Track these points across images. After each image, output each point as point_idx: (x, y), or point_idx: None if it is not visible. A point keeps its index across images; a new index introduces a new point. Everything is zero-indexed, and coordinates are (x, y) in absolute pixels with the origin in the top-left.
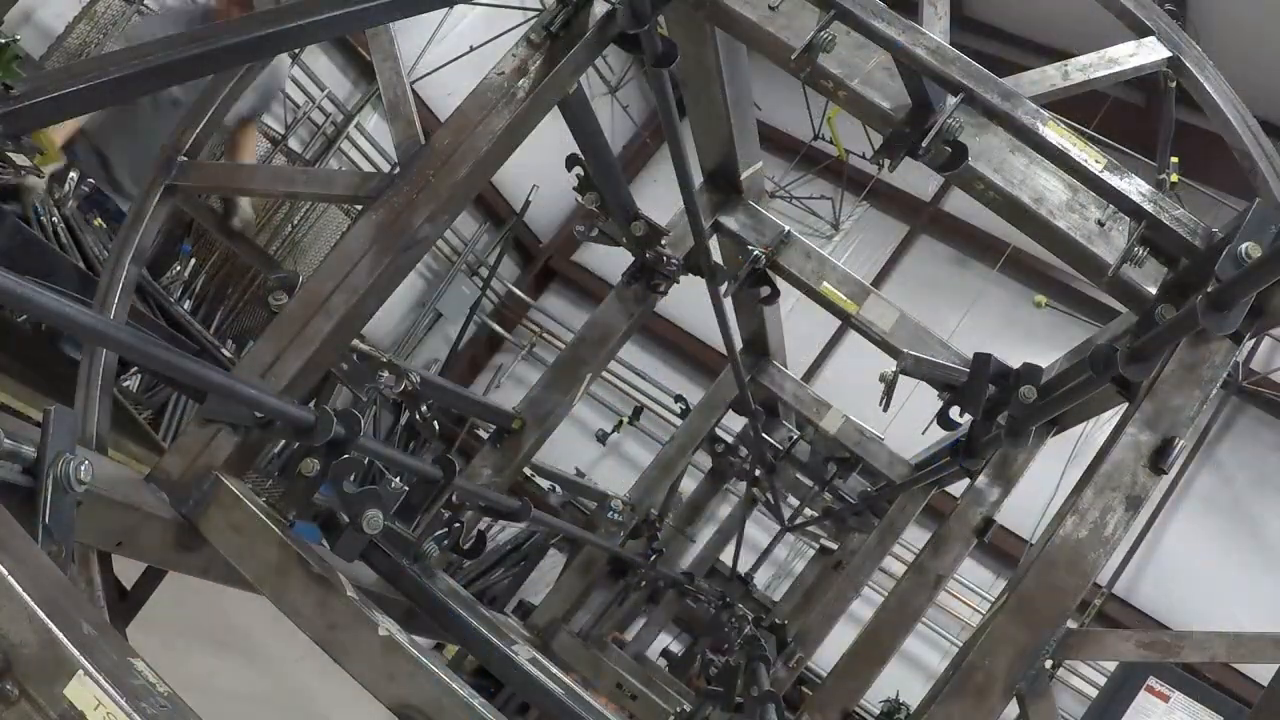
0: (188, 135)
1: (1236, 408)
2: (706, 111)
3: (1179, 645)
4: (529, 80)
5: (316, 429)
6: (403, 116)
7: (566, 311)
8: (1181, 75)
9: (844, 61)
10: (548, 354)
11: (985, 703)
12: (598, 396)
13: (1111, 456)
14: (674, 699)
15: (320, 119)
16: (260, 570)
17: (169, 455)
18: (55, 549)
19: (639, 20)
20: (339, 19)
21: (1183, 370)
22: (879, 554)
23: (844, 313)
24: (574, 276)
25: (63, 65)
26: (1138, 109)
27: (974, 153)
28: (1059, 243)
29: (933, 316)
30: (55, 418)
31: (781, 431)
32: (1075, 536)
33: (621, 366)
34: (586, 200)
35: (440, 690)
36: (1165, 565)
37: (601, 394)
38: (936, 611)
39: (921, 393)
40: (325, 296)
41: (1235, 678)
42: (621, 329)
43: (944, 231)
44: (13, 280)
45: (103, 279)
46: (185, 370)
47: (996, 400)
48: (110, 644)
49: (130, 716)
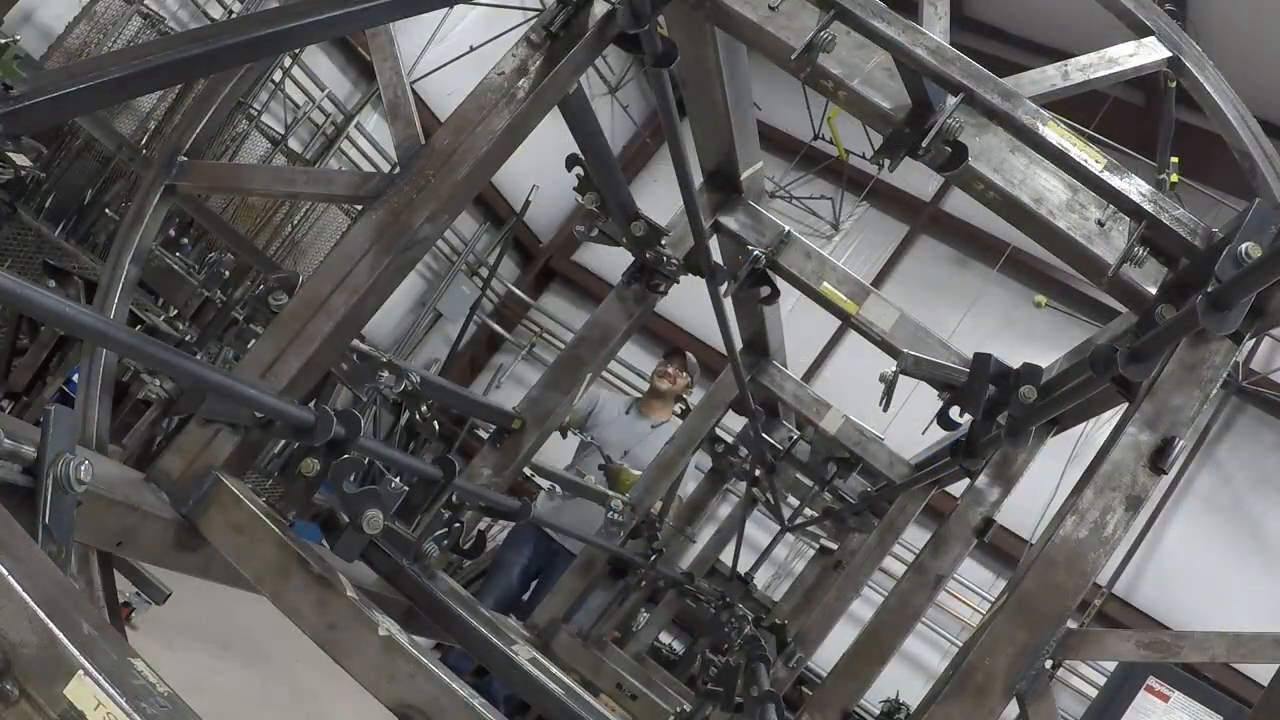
0: (188, 135)
1: (1236, 408)
2: (706, 111)
3: (1179, 645)
4: (529, 80)
5: (316, 429)
6: (403, 116)
7: (566, 311)
8: (1181, 75)
9: (844, 61)
10: (548, 354)
11: (985, 703)
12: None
13: (1111, 456)
14: (674, 699)
15: (320, 119)
16: (260, 570)
17: (169, 455)
18: (55, 549)
19: (639, 20)
20: (339, 19)
21: (1183, 370)
22: (879, 554)
23: (844, 313)
24: (574, 276)
25: (62, 65)
26: (1138, 109)
27: (974, 153)
28: (1059, 243)
29: (933, 316)
30: (55, 418)
31: (781, 431)
32: (1075, 536)
33: (621, 366)
34: (586, 200)
35: (440, 690)
36: (1165, 565)
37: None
38: (936, 611)
39: (921, 393)
40: (325, 296)
41: (1235, 678)
42: (621, 329)
43: (944, 231)
44: (13, 280)
45: (103, 279)
46: (185, 370)
47: (996, 400)
48: (110, 644)
49: (130, 716)
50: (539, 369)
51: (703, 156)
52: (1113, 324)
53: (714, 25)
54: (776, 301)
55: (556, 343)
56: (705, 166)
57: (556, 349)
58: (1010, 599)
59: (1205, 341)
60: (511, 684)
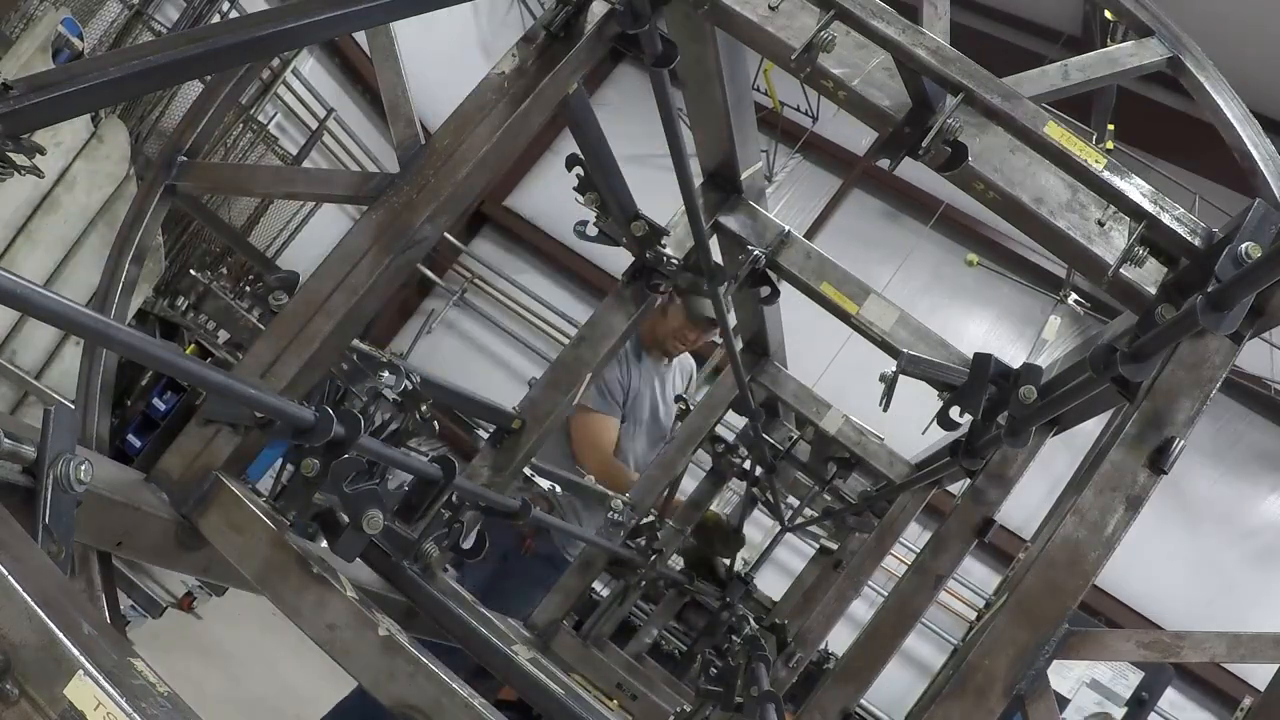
0: (188, 135)
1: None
2: (706, 111)
3: (1179, 645)
4: (529, 80)
5: (316, 429)
6: (403, 116)
7: (499, 257)
8: (1182, 75)
9: (844, 61)
10: (479, 300)
11: (985, 703)
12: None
13: (1111, 456)
14: (674, 699)
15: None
16: (260, 570)
17: (169, 455)
18: (55, 549)
19: (638, 20)
20: (339, 19)
21: (1183, 370)
22: (879, 554)
23: (844, 312)
24: (506, 222)
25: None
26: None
27: (974, 152)
28: (1059, 243)
29: (864, 271)
30: (55, 417)
31: (781, 431)
32: (1075, 536)
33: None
34: (587, 200)
35: (440, 690)
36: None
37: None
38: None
39: (922, 393)
40: (325, 296)
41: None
42: (621, 329)
43: (877, 186)
44: (13, 280)
45: (102, 279)
46: (185, 370)
47: (996, 400)
48: (110, 644)
49: (130, 716)
50: (471, 315)
51: (703, 156)
52: (1113, 324)
53: (714, 25)
54: (776, 301)
55: (487, 289)
56: (705, 166)
57: (488, 295)
58: (1010, 599)
59: (1205, 341)
60: (511, 684)
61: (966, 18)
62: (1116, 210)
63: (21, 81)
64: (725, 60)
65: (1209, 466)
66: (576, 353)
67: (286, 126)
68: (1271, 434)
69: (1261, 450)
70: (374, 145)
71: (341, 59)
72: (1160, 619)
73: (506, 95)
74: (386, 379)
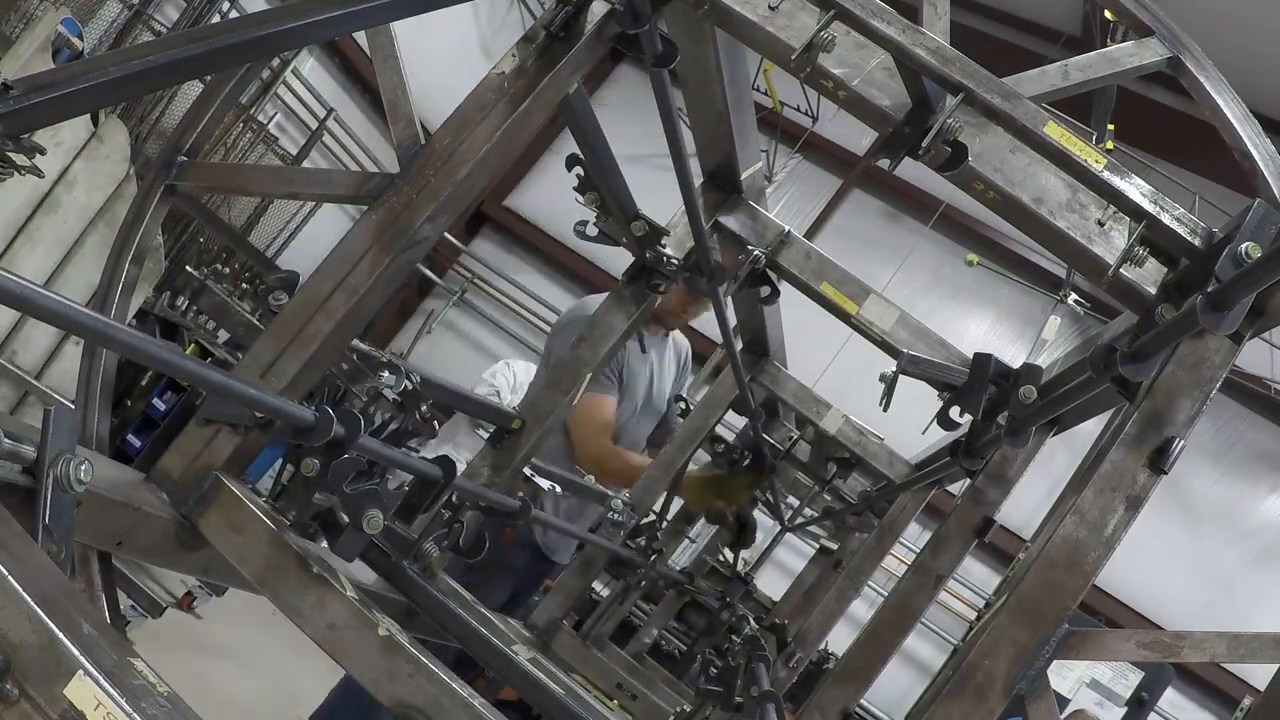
0: (188, 135)
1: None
2: (706, 111)
3: (1179, 645)
4: (529, 80)
5: (316, 429)
6: (403, 116)
7: (499, 257)
8: (1182, 75)
9: (844, 61)
10: (479, 300)
11: (985, 703)
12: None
13: (1111, 457)
14: (674, 699)
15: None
16: (260, 570)
17: (169, 455)
18: (55, 549)
19: (638, 20)
20: (339, 19)
21: (1183, 370)
22: (879, 554)
23: (844, 313)
24: (506, 222)
25: (62, 65)
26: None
27: (974, 152)
28: (1059, 243)
29: (864, 271)
30: (55, 418)
31: (781, 431)
32: (1075, 536)
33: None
34: (587, 200)
35: (440, 690)
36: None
37: None
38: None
39: (922, 393)
40: (325, 296)
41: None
42: (621, 329)
43: (876, 186)
44: (13, 280)
45: (102, 279)
46: (185, 370)
47: (996, 400)
48: (110, 644)
49: (130, 716)
50: (470, 315)
51: (703, 156)
52: (1113, 324)
53: (714, 25)
54: (776, 301)
55: (488, 288)
56: (705, 166)
57: (489, 295)
58: (1010, 599)
59: (1205, 341)
60: (511, 684)
61: (966, 18)
62: (1116, 210)
63: (21, 81)
64: (725, 60)
65: (1209, 466)
66: (576, 353)
67: (286, 126)
68: (1271, 434)
69: (1261, 450)
70: (374, 145)
71: (341, 59)
72: (1160, 619)
73: (506, 95)
74: (386, 379)
